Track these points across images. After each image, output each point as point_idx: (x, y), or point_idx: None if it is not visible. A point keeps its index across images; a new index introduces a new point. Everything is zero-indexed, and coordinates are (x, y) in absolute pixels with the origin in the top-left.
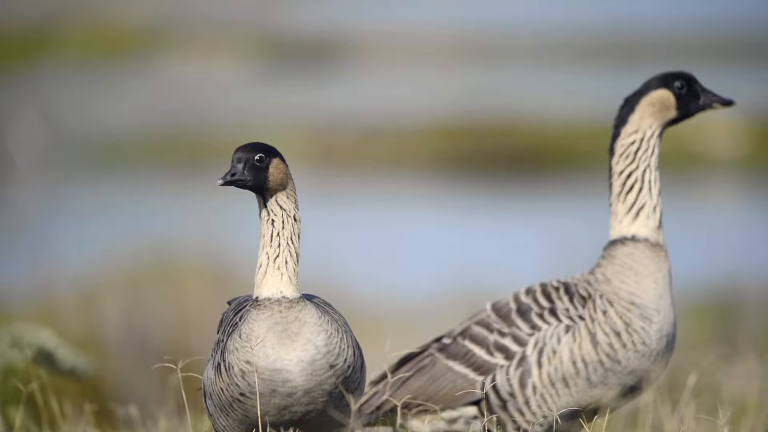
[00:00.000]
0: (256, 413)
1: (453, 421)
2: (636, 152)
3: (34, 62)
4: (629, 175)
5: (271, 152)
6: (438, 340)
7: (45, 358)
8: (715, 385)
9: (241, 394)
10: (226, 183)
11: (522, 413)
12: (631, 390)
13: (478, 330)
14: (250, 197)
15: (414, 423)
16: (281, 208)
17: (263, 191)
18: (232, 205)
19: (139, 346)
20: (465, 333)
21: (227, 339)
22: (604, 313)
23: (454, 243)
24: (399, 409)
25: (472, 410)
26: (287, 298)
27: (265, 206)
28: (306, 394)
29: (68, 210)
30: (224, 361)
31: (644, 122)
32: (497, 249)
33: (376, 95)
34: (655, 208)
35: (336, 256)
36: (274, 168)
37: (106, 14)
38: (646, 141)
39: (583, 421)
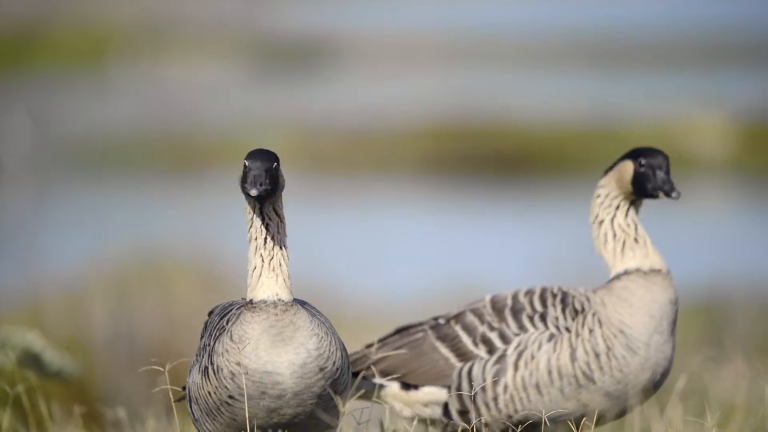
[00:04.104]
0: (245, 416)
1: (426, 405)
2: (600, 205)
3: (21, 64)
4: (601, 224)
5: (277, 158)
6: (435, 318)
7: (31, 360)
8: (703, 387)
9: (230, 397)
10: (261, 194)
11: (488, 407)
12: (617, 405)
13: (471, 318)
14: (238, 199)
15: (396, 404)
16: (276, 212)
17: (273, 197)
18: (220, 208)
19: (127, 348)
20: (459, 318)
21: (215, 342)
22: (591, 331)
23: (442, 245)
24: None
25: (445, 393)
26: (283, 300)
27: (262, 211)
28: (295, 397)
29: (56, 212)
30: (212, 364)
31: (611, 184)
32: (485, 251)
33: (364, 98)
34: (636, 239)
35: (324, 258)
36: (280, 174)
37: (94, 16)
38: (609, 198)
39: (571, 424)
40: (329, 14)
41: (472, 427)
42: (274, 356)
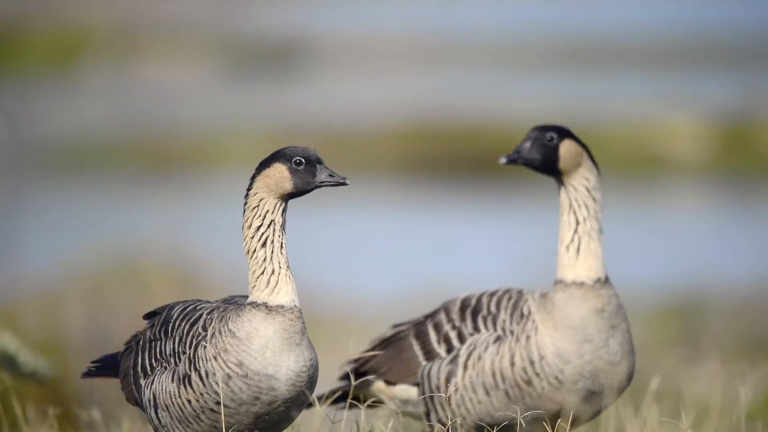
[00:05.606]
0: (228, 422)
1: (403, 401)
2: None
3: None
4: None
5: None
6: (425, 316)
7: (6, 361)
8: (678, 388)
9: (217, 404)
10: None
11: (443, 408)
12: (592, 401)
13: (440, 317)
14: (217, 201)
15: (384, 398)
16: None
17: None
18: (195, 209)
19: (102, 349)
20: (433, 316)
21: (196, 348)
22: (528, 338)
23: (419, 246)
24: (374, 382)
25: (415, 391)
26: (297, 307)
27: (284, 213)
28: (284, 404)
29: (31, 214)
30: (197, 370)
31: None
32: (462, 252)
33: (341, 99)
34: (568, 247)
35: (302, 259)
36: None
37: (69, 17)
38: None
39: (546, 425)
40: (306, 15)
41: (448, 428)
42: (278, 360)
